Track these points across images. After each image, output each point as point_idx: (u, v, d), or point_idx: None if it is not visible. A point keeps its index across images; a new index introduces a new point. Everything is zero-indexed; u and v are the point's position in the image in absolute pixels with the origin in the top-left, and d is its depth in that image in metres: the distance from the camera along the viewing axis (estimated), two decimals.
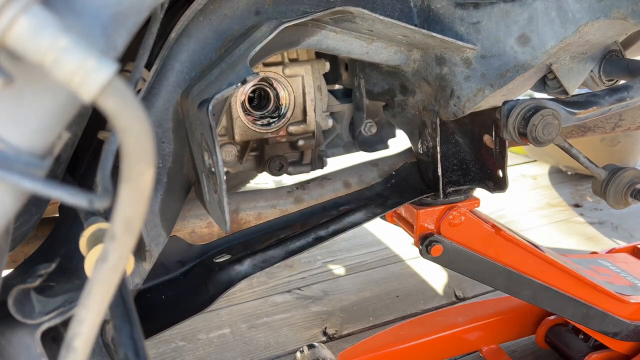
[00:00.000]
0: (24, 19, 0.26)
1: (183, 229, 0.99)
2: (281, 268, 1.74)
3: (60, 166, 0.69)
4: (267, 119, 0.99)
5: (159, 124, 0.75)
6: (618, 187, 0.79)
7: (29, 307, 0.54)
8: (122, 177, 0.32)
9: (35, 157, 0.33)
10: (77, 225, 0.70)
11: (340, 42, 0.83)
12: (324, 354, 1.21)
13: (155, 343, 1.40)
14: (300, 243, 0.92)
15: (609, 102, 0.78)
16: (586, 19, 0.74)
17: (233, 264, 0.90)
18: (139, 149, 0.30)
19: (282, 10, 0.79)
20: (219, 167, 0.64)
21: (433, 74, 0.86)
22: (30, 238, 0.88)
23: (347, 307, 1.56)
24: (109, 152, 0.42)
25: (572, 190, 2.32)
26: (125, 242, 0.34)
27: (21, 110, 0.32)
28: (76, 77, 0.27)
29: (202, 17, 0.75)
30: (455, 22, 0.80)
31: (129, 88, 0.29)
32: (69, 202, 0.32)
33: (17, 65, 0.31)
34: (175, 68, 0.74)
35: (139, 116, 0.29)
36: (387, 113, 1.02)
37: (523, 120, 0.75)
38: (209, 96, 0.65)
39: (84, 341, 0.36)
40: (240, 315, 1.53)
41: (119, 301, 0.48)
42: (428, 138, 0.93)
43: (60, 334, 0.59)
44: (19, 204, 0.36)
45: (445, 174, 0.94)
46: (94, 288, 0.35)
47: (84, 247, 0.51)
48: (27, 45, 0.27)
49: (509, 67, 0.79)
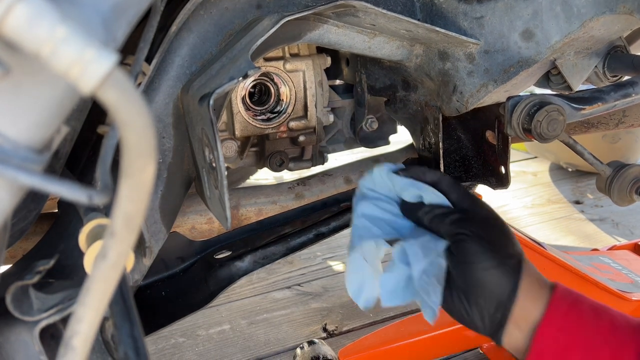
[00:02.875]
0: (20, 7, 0.25)
1: (183, 225, 0.99)
2: (281, 264, 1.74)
3: (59, 161, 0.69)
4: (267, 115, 0.99)
5: (159, 118, 0.74)
6: (623, 183, 0.78)
7: (27, 304, 0.53)
8: (122, 172, 0.31)
9: (33, 152, 0.33)
10: (77, 221, 0.69)
11: (342, 37, 0.82)
12: (324, 351, 1.21)
13: (155, 339, 1.40)
14: (301, 239, 0.92)
15: (614, 98, 0.77)
16: (591, 14, 0.73)
17: (233, 260, 0.89)
18: (140, 143, 0.30)
19: (283, 4, 0.78)
20: (219, 163, 0.63)
21: (436, 69, 0.85)
22: (29, 234, 0.87)
23: (347, 304, 1.55)
24: (109, 147, 0.41)
25: (573, 187, 2.32)
26: (125, 238, 0.33)
27: (18, 103, 0.32)
28: (75, 68, 0.26)
29: (203, 10, 0.74)
30: (458, 17, 0.79)
31: (130, 80, 0.28)
32: (68, 197, 0.31)
33: (14, 56, 0.30)
34: (176, 62, 0.74)
35: (140, 109, 0.29)
36: (388, 109, 1.01)
37: (527, 116, 0.74)
38: (209, 90, 0.64)
39: (83, 340, 0.35)
40: (240, 312, 1.52)
41: (118, 298, 0.47)
42: (430, 134, 0.92)
43: (59, 331, 0.58)
44: (16, 199, 0.35)
45: (447, 170, 0.93)
46: (94, 285, 0.35)
47: (83, 243, 0.50)
48: (24, 35, 0.26)
49: (513, 63, 0.78)
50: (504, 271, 0.59)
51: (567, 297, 0.57)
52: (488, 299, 0.59)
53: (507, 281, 0.58)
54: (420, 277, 0.63)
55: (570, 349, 0.54)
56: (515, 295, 0.58)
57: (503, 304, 0.58)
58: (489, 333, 0.62)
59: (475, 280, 0.59)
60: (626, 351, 0.52)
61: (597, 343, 0.53)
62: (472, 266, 0.59)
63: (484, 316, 0.60)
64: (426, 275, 0.62)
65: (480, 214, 0.64)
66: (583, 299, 0.57)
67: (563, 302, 0.56)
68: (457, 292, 0.61)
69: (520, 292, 0.58)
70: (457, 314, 0.63)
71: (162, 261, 0.87)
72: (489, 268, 0.59)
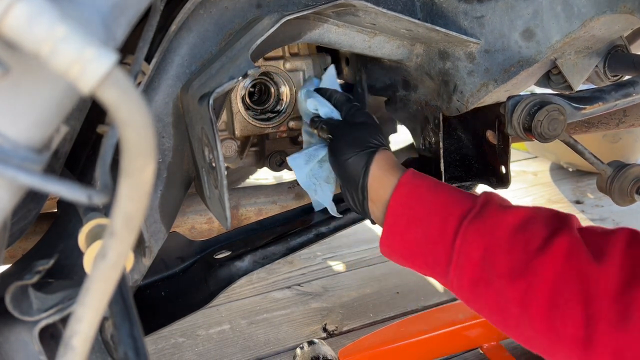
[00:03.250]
0: (20, 6, 0.25)
1: (183, 224, 0.98)
2: (281, 264, 1.74)
3: (59, 161, 0.69)
4: (267, 114, 0.98)
5: (159, 118, 0.74)
6: (624, 183, 0.78)
7: (26, 304, 0.53)
8: (121, 171, 0.31)
9: (33, 151, 0.32)
10: (76, 221, 0.69)
11: (342, 36, 0.82)
12: (324, 351, 1.20)
13: (155, 339, 1.40)
14: (301, 239, 0.92)
15: (615, 97, 0.77)
16: (592, 14, 0.73)
17: (233, 260, 0.89)
18: (140, 142, 0.30)
19: (283, 3, 0.78)
20: (219, 163, 0.63)
21: (436, 69, 0.85)
22: (29, 233, 0.87)
23: (347, 304, 1.55)
24: (109, 146, 0.41)
25: (573, 186, 2.32)
26: (125, 238, 0.33)
27: (18, 103, 0.31)
28: (74, 67, 0.26)
29: (203, 9, 0.74)
30: (459, 16, 0.79)
31: (130, 79, 0.28)
32: (68, 197, 0.31)
33: (14, 56, 0.30)
34: (176, 61, 0.74)
35: (140, 109, 0.28)
36: (389, 108, 1.01)
37: (528, 116, 0.74)
38: (209, 90, 0.64)
39: (83, 340, 0.35)
40: (240, 312, 1.52)
41: (118, 298, 0.47)
42: (430, 134, 0.92)
43: (59, 331, 0.58)
44: (16, 199, 0.35)
45: (447, 169, 0.93)
46: (93, 285, 0.35)
47: (82, 243, 0.50)
48: (23, 35, 0.26)
49: (513, 62, 0.78)
50: (359, 158, 0.72)
51: (412, 180, 0.69)
52: (352, 183, 0.73)
53: (360, 166, 0.72)
54: (306, 180, 0.84)
55: (412, 219, 0.66)
56: (366, 175, 0.71)
57: (360, 185, 0.72)
58: (361, 212, 0.75)
59: (342, 170, 0.74)
60: (451, 218, 0.63)
61: (431, 213, 0.65)
62: (338, 159, 0.74)
63: (354, 199, 0.74)
64: (315, 177, 0.83)
65: (355, 120, 0.78)
66: (425, 181, 0.69)
67: (408, 184, 0.68)
68: (340, 184, 0.77)
69: (373, 176, 0.71)
70: (347, 203, 0.77)
71: (162, 261, 0.87)
72: (348, 158, 0.73)
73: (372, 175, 0.71)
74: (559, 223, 0.59)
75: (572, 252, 0.55)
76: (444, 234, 0.63)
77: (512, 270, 0.57)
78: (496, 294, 0.58)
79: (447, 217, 0.63)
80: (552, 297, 0.53)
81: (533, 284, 0.55)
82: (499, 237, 0.59)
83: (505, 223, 0.60)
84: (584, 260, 0.54)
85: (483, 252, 0.59)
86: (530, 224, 0.59)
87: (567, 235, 0.56)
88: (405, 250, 0.68)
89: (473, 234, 0.60)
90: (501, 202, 0.64)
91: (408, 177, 0.69)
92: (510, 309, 0.57)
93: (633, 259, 0.52)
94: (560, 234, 0.57)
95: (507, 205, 0.63)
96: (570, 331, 0.52)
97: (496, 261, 0.58)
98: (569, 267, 0.54)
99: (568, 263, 0.54)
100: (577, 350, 0.52)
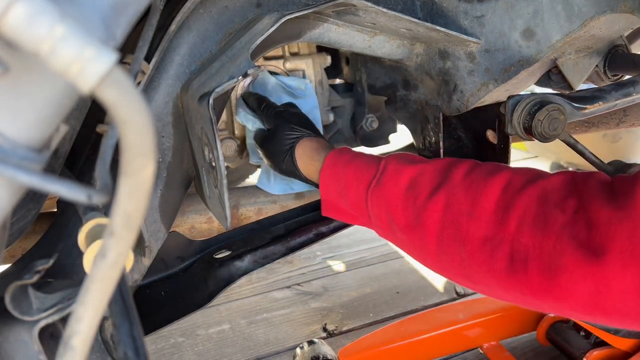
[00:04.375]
0: (19, 5, 0.25)
1: (183, 224, 0.98)
2: (281, 264, 1.74)
3: (59, 160, 0.68)
4: None
5: (159, 117, 0.74)
6: None
7: (26, 304, 0.53)
8: (121, 171, 0.31)
9: (32, 151, 0.32)
10: (76, 221, 0.69)
11: (342, 36, 0.82)
12: (324, 350, 1.20)
13: (154, 339, 1.40)
14: (301, 239, 0.92)
15: (615, 97, 0.77)
16: (592, 13, 0.73)
17: (233, 260, 0.89)
18: (139, 142, 0.30)
19: (283, 3, 0.78)
20: (219, 162, 0.63)
21: (436, 69, 0.85)
22: (28, 233, 0.87)
23: (347, 303, 1.55)
24: (108, 146, 0.41)
25: None
26: (124, 237, 0.33)
27: (17, 102, 0.31)
28: (74, 66, 0.26)
29: (202, 9, 0.74)
30: (459, 16, 0.79)
31: (130, 79, 0.28)
32: (67, 197, 0.31)
33: (13, 55, 0.30)
34: (175, 61, 0.73)
35: (140, 108, 0.28)
36: (389, 108, 1.01)
37: (528, 116, 0.74)
38: (209, 89, 0.64)
39: (82, 339, 0.35)
40: (240, 311, 1.52)
41: (118, 298, 0.47)
42: (430, 133, 0.92)
43: (59, 330, 0.58)
44: (15, 198, 0.35)
45: None
46: (93, 285, 0.35)
47: (82, 242, 0.50)
48: (23, 34, 0.26)
49: (514, 62, 0.78)
50: (285, 160, 0.83)
51: (335, 157, 0.78)
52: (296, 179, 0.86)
53: (290, 166, 0.83)
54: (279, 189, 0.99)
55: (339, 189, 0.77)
56: (299, 170, 0.82)
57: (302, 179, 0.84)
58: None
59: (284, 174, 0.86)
60: (361, 186, 0.74)
61: (348, 184, 0.76)
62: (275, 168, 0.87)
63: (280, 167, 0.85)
64: (283, 180, 0.98)
65: (270, 126, 0.87)
66: (343, 157, 0.78)
67: (332, 160, 0.78)
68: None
69: (303, 168, 0.82)
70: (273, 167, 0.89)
71: (162, 261, 0.87)
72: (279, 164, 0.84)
73: (302, 167, 0.82)
74: (441, 178, 0.69)
75: (448, 205, 0.66)
76: (359, 201, 0.75)
77: (408, 223, 0.69)
78: (402, 244, 0.74)
79: (358, 187, 0.75)
80: (439, 243, 0.67)
81: (424, 234, 0.68)
82: (395, 197, 0.71)
83: (399, 185, 0.71)
84: (456, 212, 0.66)
85: (386, 212, 0.72)
86: (418, 182, 0.70)
87: (444, 190, 0.67)
88: (340, 215, 0.82)
89: (377, 199, 0.73)
90: (397, 164, 0.74)
91: (332, 155, 0.79)
92: (414, 254, 0.73)
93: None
94: (440, 189, 0.68)
95: (402, 166, 0.73)
96: (455, 270, 0.67)
97: (395, 217, 0.71)
98: (447, 217, 0.66)
99: (445, 215, 0.66)
100: (460, 278, 0.68)
